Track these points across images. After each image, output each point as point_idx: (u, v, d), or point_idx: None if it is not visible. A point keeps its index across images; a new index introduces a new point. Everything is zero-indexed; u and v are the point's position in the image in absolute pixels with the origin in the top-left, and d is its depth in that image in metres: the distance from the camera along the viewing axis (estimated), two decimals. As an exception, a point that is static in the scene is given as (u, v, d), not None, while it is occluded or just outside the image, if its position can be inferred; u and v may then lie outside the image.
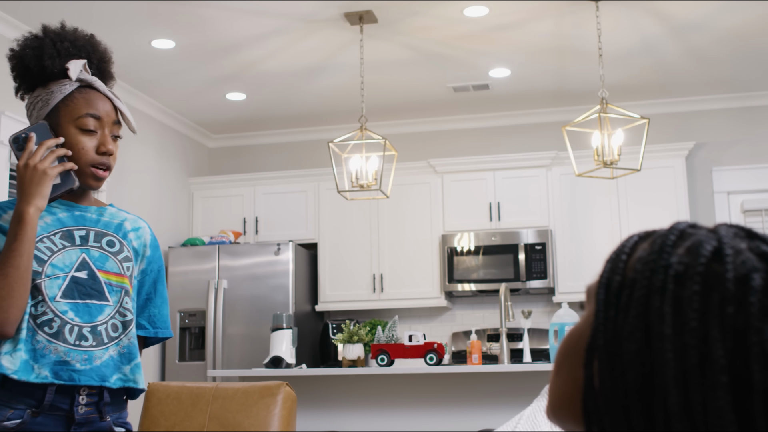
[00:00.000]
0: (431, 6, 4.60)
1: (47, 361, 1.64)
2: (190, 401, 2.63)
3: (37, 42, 1.75)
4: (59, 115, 1.72)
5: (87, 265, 1.73)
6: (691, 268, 0.62)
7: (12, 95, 1.84)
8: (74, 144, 1.72)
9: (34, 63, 1.73)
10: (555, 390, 0.71)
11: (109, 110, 1.76)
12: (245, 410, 2.58)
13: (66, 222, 1.75)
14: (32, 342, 1.64)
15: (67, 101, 1.73)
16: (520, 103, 6.39)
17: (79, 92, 1.74)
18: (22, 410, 1.63)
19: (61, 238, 1.73)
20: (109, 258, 1.77)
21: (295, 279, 5.97)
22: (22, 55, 1.75)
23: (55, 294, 1.68)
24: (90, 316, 1.70)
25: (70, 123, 1.72)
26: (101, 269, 1.75)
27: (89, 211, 1.80)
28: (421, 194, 6.30)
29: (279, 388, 2.63)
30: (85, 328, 1.69)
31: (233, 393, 2.63)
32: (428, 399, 4.24)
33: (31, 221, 1.62)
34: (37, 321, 1.65)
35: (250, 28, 4.85)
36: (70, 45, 1.75)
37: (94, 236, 1.77)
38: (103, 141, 1.74)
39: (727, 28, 4.97)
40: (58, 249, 1.71)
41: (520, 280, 5.94)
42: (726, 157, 6.22)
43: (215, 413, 2.59)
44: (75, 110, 1.72)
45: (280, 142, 7.01)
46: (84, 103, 1.73)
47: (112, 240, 1.80)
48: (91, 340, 1.69)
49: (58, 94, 1.73)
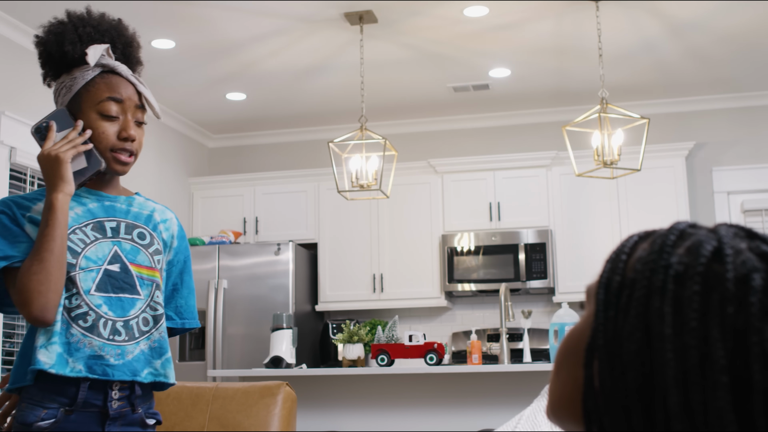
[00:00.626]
0: (431, 6, 4.60)
1: (81, 355, 1.63)
2: (190, 401, 2.63)
3: (60, 27, 1.73)
4: (81, 101, 1.71)
5: (119, 258, 1.72)
6: (692, 268, 0.62)
7: (12, 95, 1.84)
8: (95, 129, 1.71)
9: (56, 49, 1.72)
10: (555, 390, 0.71)
11: (132, 94, 1.74)
12: (245, 410, 2.58)
13: (96, 213, 1.74)
14: (66, 335, 1.63)
15: (89, 87, 1.71)
16: (520, 103, 6.39)
17: (101, 77, 1.72)
18: (56, 409, 1.62)
19: (93, 229, 1.72)
20: (141, 251, 1.76)
21: (295, 279, 5.97)
22: (45, 41, 1.74)
23: (90, 287, 1.67)
24: (123, 310, 1.70)
25: (92, 108, 1.71)
26: (133, 262, 1.74)
27: (118, 201, 1.79)
28: (421, 194, 6.29)
29: (279, 388, 2.63)
30: (118, 322, 1.68)
31: (233, 393, 2.63)
32: (428, 399, 4.24)
33: (60, 206, 1.62)
34: (72, 314, 1.64)
35: (250, 28, 4.85)
36: (92, 30, 1.73)
37: (125, 228, 1.76)
38: (125, 126, 1.72)
39: (727, 28, 4.97)
40: (91, 241, 1.70)
41: (520, 280, 5.94)
42: (726, 157, 6.22)
43: (215, 413, 2.59)
44: (96, 95, 1.71)
45: (280, 142, 7.01)
46: (105, 88, 1.71)
47: (142, 232, 1.78)
48: (123, 335, 1.69)
49: (80, 80, 1.71)
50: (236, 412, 2.58)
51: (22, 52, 4.77)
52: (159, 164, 6.33)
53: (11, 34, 4.70)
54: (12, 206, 1.68)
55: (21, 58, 4.76)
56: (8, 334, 4.66)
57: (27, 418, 1.61)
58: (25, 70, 4.78)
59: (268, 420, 2.56)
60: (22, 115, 4.71)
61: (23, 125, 4.70)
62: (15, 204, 1.69)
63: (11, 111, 4.63)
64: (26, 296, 1.58)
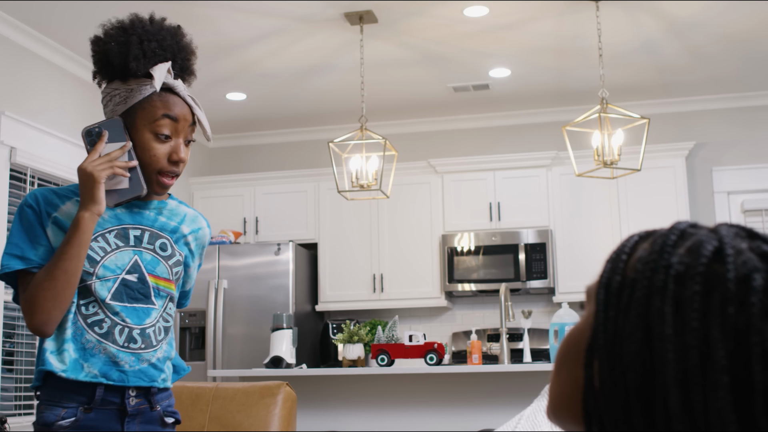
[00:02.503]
0: (431, 6, 4.60)
1: (97, 361, 1.65)
2: (190, 401, 2.63)
3: (124, 37, 1.70)
4: (135, 117, 1.69)
5: (138, 268, 1.72)
6: (692, 268, 0.62)
7: (12, 95, 1.84)
8: (147, 150, 1.69)
9: (119, 61, 1.69)
10: (555, 390, 0.71)
11: (187, 114, 1.73)
12: (245, 410, 2.58)
13: (123, 219, 1.74)
14: (81, 341, 1.65)
15: (145, 104, 1.69)
16: (520, 103, 6.39)
17: (158, 95, 1.70)
18: (74, 408, 1.64)
19: (116, 236, 1.72)
20: (161, 262, 1.76)
21: (295, 279, 5.97)
22: (107, 49, 1.70)
23: (105, 296, 1.67)
24: (138, 318, 1.71)
25: (146, 127, 1.69)
26: (152, 273, 1.74)
27: (149, 208, 1.78)
28: (421, 194, 6.29)
29: (279, 388, 2.63)
30: (135, 330, 1.70)
31: (233, 393, 2.63)
32: (428, 399, 4.24)
33: (85, 225, 1.61)
34: (88, 321, 1.66)
35: (250, 28, 4.85)
36: (156, 46, 1.71)
37: (148, 237, 1.75)
38: (176, 149, 1.71)
39: (728, 27, 4.97)
40: (112, 249, 1.70)
41: (520, 280, 5.94)
42: (726, 157, 6.22)
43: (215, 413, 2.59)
44: (152, 113, 1.69)
45: (280, 142, 7.01)
46: (162, 106, 1.69)
47: (165, 243, 1.78)
48: (140, 342, 1.70)
49: (137, 95, 1.69)
50: (236, 412, 2.58)
51: (22, 52, 4.77)
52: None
53: (11, 34, 4.70)
54: (41, 202, 1.68)
55: (21, 58, 4.76)
56: (8, 334, 4.66)
57: (47, 419, 1.63)
58: (25, 70, 4.78)
59: (268, 420, 2.56)
60: (22, 115, 4.71)
61: (23, 125, 4.70)
62: (44, 200, 1.69)
63: (11, 111, 4.63)
64: (31, 307, 1.60)
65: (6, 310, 4.57)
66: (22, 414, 4.65)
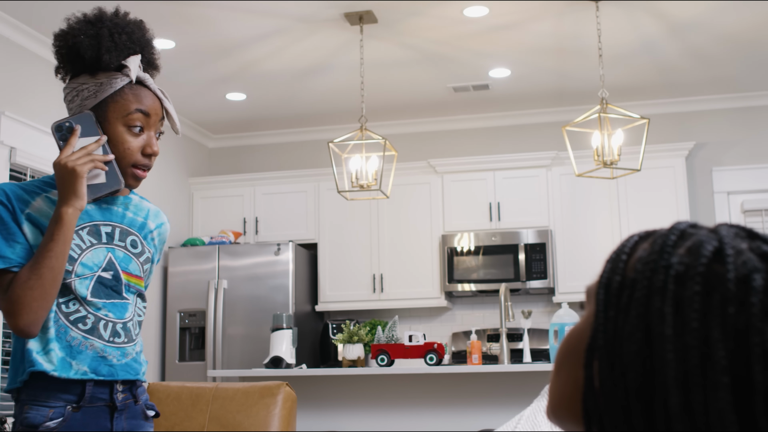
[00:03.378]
0: (431, 6, 4.60)
1: (85, 357, 1.64)
2: (190, 401, 2.63)
3: (94, 30, 1.68)
4: (107, 110, 1.68)
5: (113, 265, 1.72)
6: (692, 268, 0.62)
7: (12, 95, 1.82)
8: (121, 143, 1.68)
9: (90, 54, 1.67)
10: (555, 390, 0.71)
11: (158, 108, 1.73)
12: (245, 410, 2.58)
13: (93, 216, 1.72)
14: (66, 339, 1.63)
15: (117, 97, 1.68)
16: (520, 103, 6.39)
17: (129, 88, 1.69)
18: (62, 407, 1.61)
19: (89, 233, 1.70)
20: (132, 260, 1.77)
21: (295, 279, 5.97)
22: (77, 42, 1.67)
23: (85, 294, 1.67)
24: (120, 312, 1.71)
25: (119, 120, 1.68)
26: (125, 270, 1.74)
27: (116, 204, 1.77)
28: (421, 194, 6.29)
29: (279, 389, 2.63)
30: (118, 324, 1.70)
31: (233, 393, 2.63)
32: (428, 399, 4.24)
33: (68, 221, 1.59)
34: (70, 318, 1.64)
35: (250, 28, 4.85)
36: (127, 38, 1.70)
37: (119, 234, 1.75)
38: (150, 142, 1.71)
39: (728, 27, 4.97)
40: (87, 247, 1.69)
41: (520, 280, 5.94)
42: (726, 157, 6.22)
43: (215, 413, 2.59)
44: (124, 107, 1.68)
45: (280, 142, 7.01)
46: (134, 99, 1.69)
47: (135, 240, 1.78)
48: (123, 336, 1.71)
49: (108, 88, 1.68)
50: (236, 413, 2.58)
51: (22, 52, 4.77)
52: (159, 164, 6.33)
53: (11, 34, 4.70)
54: (12, 199, 1.64)
55: (21, 58, 4.76)
56: (7, 334, 4.66)
57: (34, 420, 1.60)
58: (25, 70, 4.78)
59: (268, 420, 2.56)
60: (22, 115, 4.71)
61: (23, 125, 4.70)
62: (15, 197, 1.65)
63: (11, 111, 4.63)
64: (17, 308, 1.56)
65: (6, 310, 4.57)
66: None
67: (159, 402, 2.64)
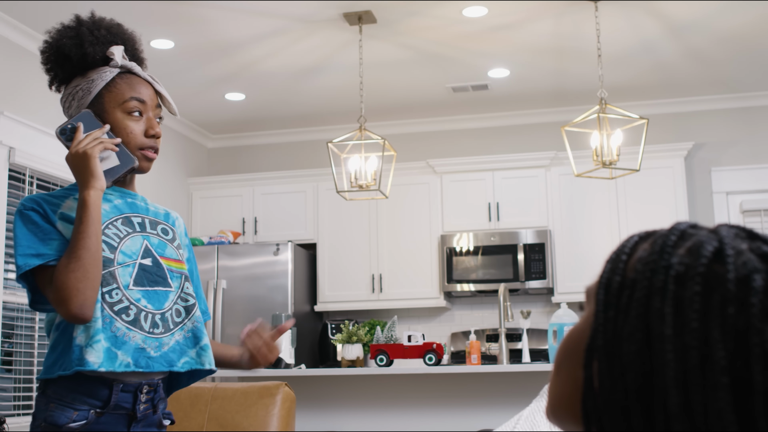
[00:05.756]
0: (430, 6, 4.60)
1: (128, 348, 1.64)
2: (189, 401, 2.63)
3: (74, 31, 1.74)
4: (104, 102, 1.73)
5: (150, 252, 1.74)
6: (692, 268, 0.62)
7: (12, 95, 1.83)
8: (122, 129, 1.72)
9: (75, 51, 1.72)
10: (554, 390, 0.71)
11: (152, 94, 1.77)
12: (244, 410, 2.58)
13: (122, 209, 1.76)
14: (111, 329, 1.63)
15: (110, 87, 1.73)
16: (520, 104, 6.39)
17: (120, 78, 1.74)
18: (87, 411, 1.62)
19: (123, 224, 1.73)
20: (167, 245, 1.79)
21: (294, 279, 5.97)
22: (60, 45, 1.74)
23: (128, 282, 1.68)
24: (159, 302, 1.72)
25: (116, 108, 1.73)
26: (162, 256, 1.76)
27: (137, 199, 1.82)
28: (420, 194, 6.29)
29: (278, 389, 2.63)
30: (156, 315, 1.70)
31: (232, 393, 2.63)
32: (427, 399, 4.24)
33: (93, 202, 1.62)
34: (114, 309, 1.65)
35: (250, 28, 4.85)
36: (106, 32, 1.76)
37: (149, 224, 1.79)
38: (151, 124, 1.76)
39: (727, 28, 4.97)
40: (124, 235, 1.72)
41: (519, 280, 5.94)
42: (725, 157, 6.22)
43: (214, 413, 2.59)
44: (119, 95, 1.73)
45: (279, 143, 7.01)
46: (127, 88, 1.74)
47: (165, 228, 1.82)
48: (161, 327, 1.71)
49: (99, 81, 1.73)
50: (235, 413, 2.58)
51: (22, 52, 4.77)
52: (158, 164, 6.32)
53: (11, 34, 4.70)
54: (42, 203, 1.68)
55: (21, 58, 4.76)
56: (7, 334, 4.66)
57: (58, 420, 1.61)
58: (25, 70, 4.78)
59: (267, 420, 2.56)
60: (21, 115, 4.71)
61: (23, 125, 4.70)
62: (44, 201, 1.69)
63: (10, 111, 4.63)
64: (65, 294, 1.57)
65: (5, 310, 4.57)
66: (21, 414, 4.64)
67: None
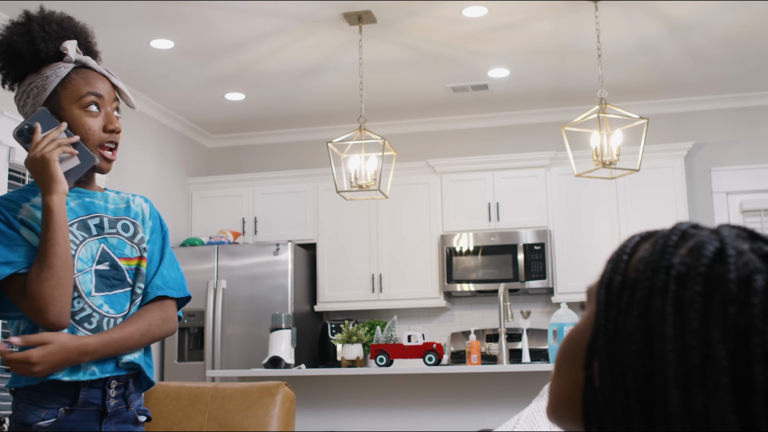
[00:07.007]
0: (430, 6, 4.60)
1: None
2: (188, 401, 2.63)
3: (24, 28, 1.71)
4: (59, 98, 1.69)
5: (108, 255, 1.72)
6: (693, 268, 0.62)
7: (11, 95, 1.81)
8: (80, 125, 1.69)
9: (27, 48, 1.69)
10: (555, 390, 0.71)
11: (108, 88, 1.73)
12: (244, 410, 2.58)
13: (78, 211, 1.72)
14: None
15: (66, 83, 1.69)
16: (519, 104, 6.39)
17: (75, 73, 1.70)
18: (56, 409, 1.62)
19: (78, 228, 1.70)
20: (127, 243, 1.76)
21: (294, 279, 5.97)
22: (11, 42, 1.70)
23: (90, 288, 1.67)
24: (120, 305, 1.71)
25: (73, 104, 1.69)
26: (121, 256, 1.74)
27: (96, 197, 1.77)
28: (420, 194, 6.29)
29: (278, 389, 2.63)
30: (119, 318, 1.70)
31: (232, 393, 2.63)
32: (427, 399, 4.24)
33: (58, 207, 1.60)
34: (76, 318, 1.64)
35: (250, 28, 4.85)
36: (57, 27, 1.72)
37: (108, 223, 1.75)
38: (110, 119, 1.72)
39: (727, 28, 4.97)
40: (80, 241, 1.69)
41: (519, 280, 5.94)
42: (725, 157, 6.22)
43: (214, 413, 2.59)
44: (75, 91, 1.69)
45: (279, 142, 7.01)
46: (83, 83, 1.70)
47: (126, 224, 1.78)
48: None
49: (54, 78, 1.69)
50: (235, 413, 2.58)
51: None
52: (158, 164, 6.33)
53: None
54: (2, 210, 1.66)
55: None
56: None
57: (27, 419, 1.62)
58: (23, 69, 4.77)
59: (267, 420, 2.56)
60: (20, 115, 4.71)
61: (22, 125, 4.69)
62: (4, 207, 1.66)
63: (10, 111, 4.63)
64: (41, 304, 1.56)
65: (4, 310, 4.57)
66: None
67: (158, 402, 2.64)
